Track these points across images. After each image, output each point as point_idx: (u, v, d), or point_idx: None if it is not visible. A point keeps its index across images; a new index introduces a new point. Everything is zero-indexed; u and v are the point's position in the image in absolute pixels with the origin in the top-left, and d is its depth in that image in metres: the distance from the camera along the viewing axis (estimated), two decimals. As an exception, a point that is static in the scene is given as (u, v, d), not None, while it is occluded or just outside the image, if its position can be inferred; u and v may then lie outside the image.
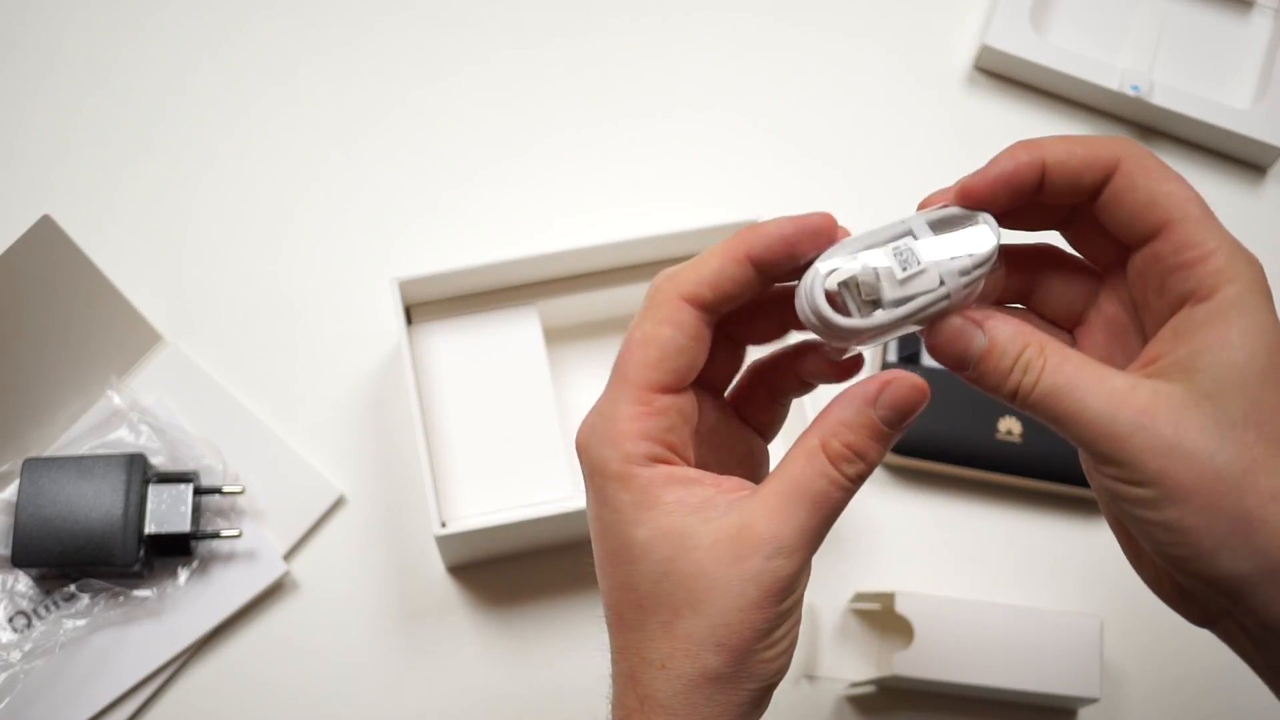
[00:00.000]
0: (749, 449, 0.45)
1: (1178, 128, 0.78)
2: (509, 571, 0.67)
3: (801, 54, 0.80)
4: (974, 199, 0.39)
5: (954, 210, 0.39)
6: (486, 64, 0.79)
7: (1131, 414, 0.36)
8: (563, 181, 0.76)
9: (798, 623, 0.39)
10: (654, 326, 0.39)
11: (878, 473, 0.70)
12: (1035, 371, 0.37)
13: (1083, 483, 0.69)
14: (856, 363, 0.43)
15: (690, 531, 0.38)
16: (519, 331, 0.69)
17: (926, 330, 0.39)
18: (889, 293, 0.38)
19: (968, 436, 0.69)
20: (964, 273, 0.38)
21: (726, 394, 0.45)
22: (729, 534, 0.38)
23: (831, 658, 0.65)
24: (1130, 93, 0.76)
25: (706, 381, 0.43)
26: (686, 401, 0.40)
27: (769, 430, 0.45)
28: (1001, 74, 0.80)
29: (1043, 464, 0.69)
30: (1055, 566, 0.66)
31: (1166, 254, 0.38)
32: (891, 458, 0.69)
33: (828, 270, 0.38)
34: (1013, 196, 0.39)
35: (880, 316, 0.38)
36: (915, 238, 0.38)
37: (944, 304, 0.38)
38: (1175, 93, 0.77)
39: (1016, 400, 0.38)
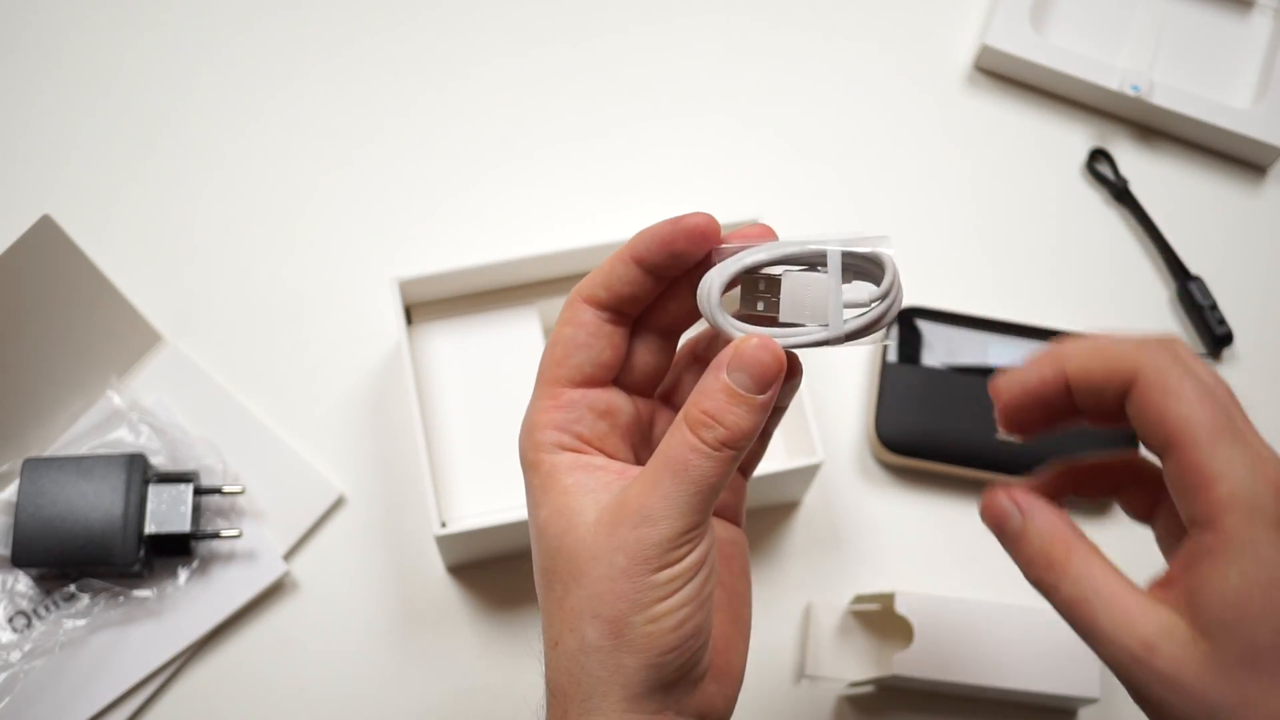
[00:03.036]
0: None
1: (1178, 128, 0.78)
2: (509, 571, 0.67)
3: (801, 55, 0.80)
4: (1013, 419, 0.43)
5: (868, 252, 0.39)
6: (487, 66, 0.79)
7: (1138, 644, 0.38)
8: (563, 182, 0.76)
9: (691, 604, 0.39)
10: (559, 327, 0.42)
11: (878, 473, 0.70)
12: (1057, 574, 0.40)
13: (1083, 483, 0.69)
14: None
15: (580, 509, 0.40)
16: (519, 331, 0.69)
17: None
18: (780, 311, 0.40)
19: (968, 436, 0.69)
20: (850, 335, 0.39)
21: (659, 390, 0.45)
22: (610, 509, 0.39)
23: (831, 658, 0.65)
24: (1130, 93, 0.76)
25: (646, 386, 0.44)
26: (599, 398, 0.42)
27: None
28: (1001, 74, 0.80)
29: (1043, 464, 0.69)
30: (1055, 566, 0.66)
31: (1174, 476, 0.39)
32: (891, 458, 0.69)
33: (721, 276, 0.40)
34: (1045, 411, 0.42)
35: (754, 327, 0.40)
36: (824, 269, 0.39)
37: (822, 337, 0.39)
38: (1175, 93, 0.77)
39: (1041, 593, 0.41)
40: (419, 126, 0.77)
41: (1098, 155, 0.78)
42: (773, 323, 0.40)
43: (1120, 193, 0.77)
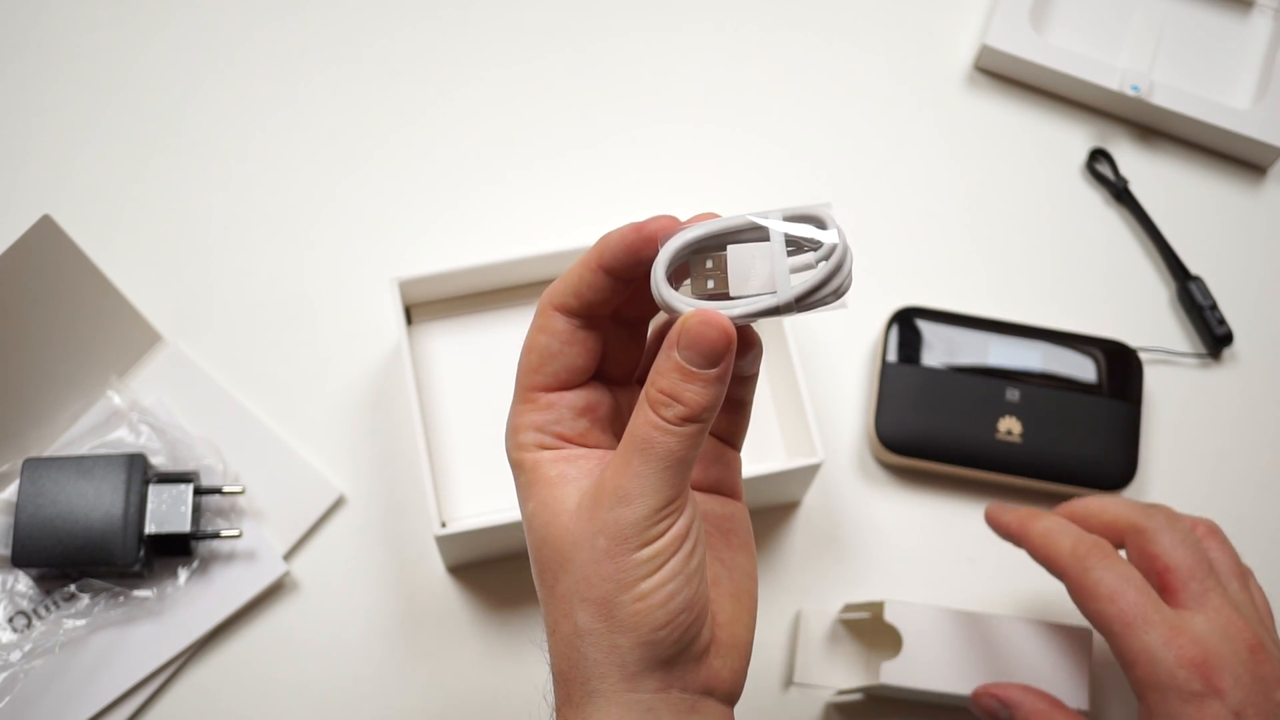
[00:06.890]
0: None
1: (1178, 128, 0.78)
2: (509, 571, 0.67)
3: (800, 57, 0.80)
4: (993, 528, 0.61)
5: (806, 213, 0.39)
6: (487, 67, 0.79)
7: None
8: (562, 182, 0.76)
9: (677, 578, 0.39)
10: (532, 335, 0.42)
11: (878, 473, 0.70)
12: None
13: (1081, 482, 0.69)
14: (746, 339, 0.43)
15: (564, 497, 0.40)
16: (519, 331, 0.68)
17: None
18: (729, 286, 0.39)
19: (968, 436, 0.69)
20: (800, 299, 0.39)
21: (637, 375, 0.45)
22: (589, 495, 0.40)
23: (819, 666, 0.65)
24: (1130, 93, 0.76)
25: (624, 375, 0.44)
26: (577, 397, 0.42)
27: None
28: (1001, 74, 0.80)
29: (1043, 464, 0.69)
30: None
31: (1114, 656, 0.54)
32: (891, 458, 0.69)
33: (666, 255, 0.40)
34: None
35: (697, 302, 0.39)
36: (769, 240, 0.39)
37: (771, 302, 0.39)
38: (1175, 93, 0.77)
39: None
40: (419, 128, 0.77)
41: (1098, 155, 0.78)
42: (726, 298, 0.39)
43: (1120, 193, 0.77)
